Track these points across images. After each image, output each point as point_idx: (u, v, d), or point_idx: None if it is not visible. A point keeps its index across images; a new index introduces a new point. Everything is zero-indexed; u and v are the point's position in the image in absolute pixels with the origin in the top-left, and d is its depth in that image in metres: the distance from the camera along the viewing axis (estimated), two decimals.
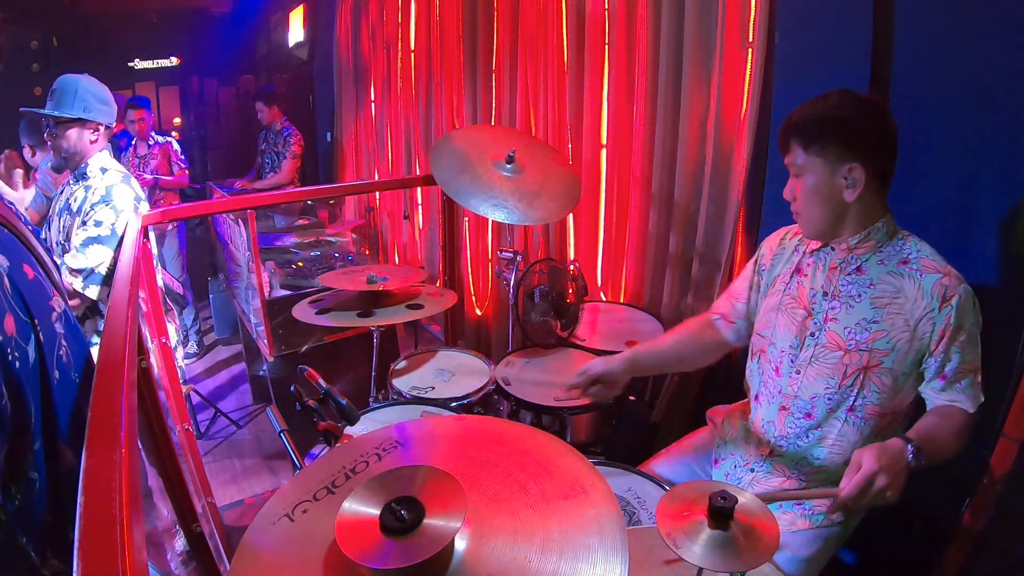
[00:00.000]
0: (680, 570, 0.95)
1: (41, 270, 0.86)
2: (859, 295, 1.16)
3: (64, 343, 0.83)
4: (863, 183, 1.09)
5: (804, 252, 1.28)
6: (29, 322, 0.75)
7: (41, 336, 0.76)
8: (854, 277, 1.17)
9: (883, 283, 1.13)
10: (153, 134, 3.76)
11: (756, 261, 1.38)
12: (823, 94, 1.14)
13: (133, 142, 3.77)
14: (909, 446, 1.02)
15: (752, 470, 1.32)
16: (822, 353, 1.19)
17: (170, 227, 3.59)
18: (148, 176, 3.58)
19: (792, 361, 1.25)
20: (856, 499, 0.99)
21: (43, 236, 1.75)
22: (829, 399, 1.19)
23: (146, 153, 3.69)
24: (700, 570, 0.81)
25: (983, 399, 1.10)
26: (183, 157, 3.84)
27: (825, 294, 1.20)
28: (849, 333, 1.16)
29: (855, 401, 1.17)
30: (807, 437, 1.24)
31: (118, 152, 3.76)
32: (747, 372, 1.39)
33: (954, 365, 1.09)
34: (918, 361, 1.12)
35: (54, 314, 0.82)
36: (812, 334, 1.21)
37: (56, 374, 0.78)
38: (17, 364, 0.70)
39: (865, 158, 1.09)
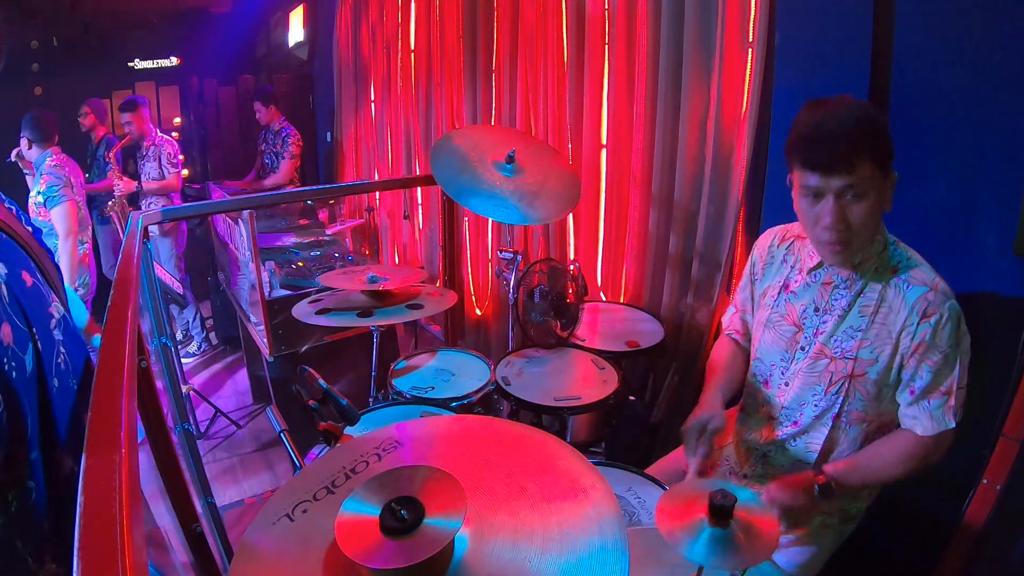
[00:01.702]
0: (680, 569, 0.95)
1: (40, 275, 0.85)
2: (848, 305, 1.14)
3: (63, 350, 0.82)
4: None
5: (792, 266, 1.25)
6: (27, 330, 0.74)
7: (39, 344, 0.75)
8: (845, 291, 1.15)
9: (871, 291, 1.12)
10: (159, 133, 3.68)
11: (751, 270, 1.36)
12: (842, 101, 1.04)
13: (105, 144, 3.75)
14: (816, 487, 1.09)
15: (745, 476, 1.32)
16: (810, 363, 1.19)
17: (161, 229, 3.55)
18: (120, 183, 3.52)
19: (782, 374, 1.25)
20: None
21: None
22: (815, 406, 1.19)
23: (145, 154, 3.67)
24: (700, 568, 0.81)
25: (952, 425, 1.07)
26: (176, 160, 3.70)
27: (816, 309, 1.19)
28: (835, 342, 1.15)
29: (841, 408, 1.16)
30: (795, 443, 1.24)
31: (96, 153, 3.75)
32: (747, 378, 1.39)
33: (923, 383, 1.07)
34: (899, 372, 1.11)
35: (52, 321, 0.81)
36: (803, 348, 1.21)
37: (55, 382, 0.77)
38: (14, 374, 0.69)
39: (892, 166, 1.06)
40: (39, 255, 0.87)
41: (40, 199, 2.92)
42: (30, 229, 0.88)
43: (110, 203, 3.46)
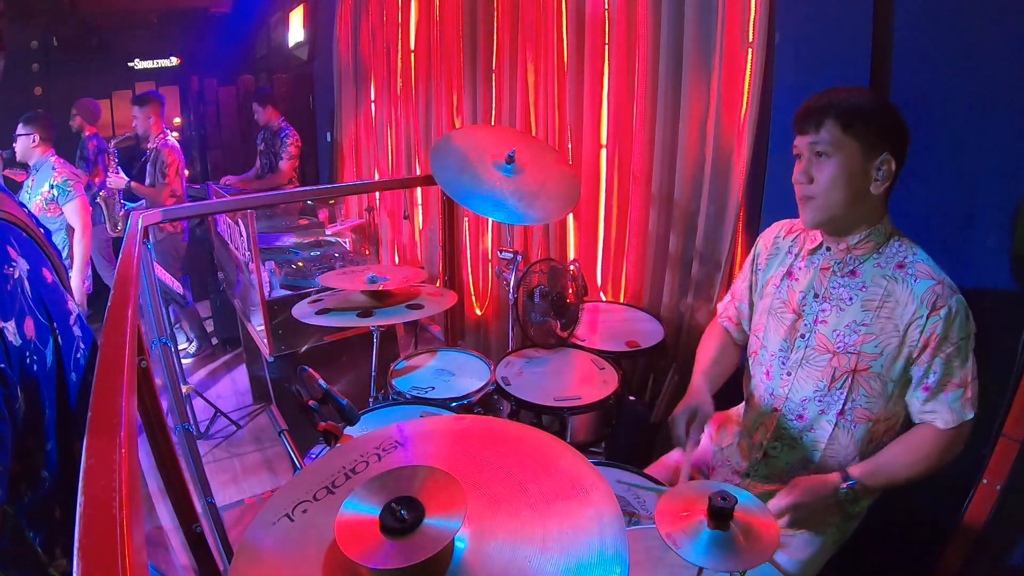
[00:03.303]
0: (680, 570, 0.95)
1: (55, 274, 0.86)
2: (850, 298, 1.14)
3: (82, 346, 0.84)
4: (890, 178, 1.09)
5: (797, 254, 1.26)
6: (48, 325, 0.76)
7: (59, 339, 0.77)
8: (847, 280, 1.15)
9: (875, 285, 1.12)
10: (166, 136, 3.53)
11: (753, 260, 1.37)
12: (850, 87, 1.12)
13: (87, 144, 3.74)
14: (845, 484, 1.09)
15: (747, 476, 1.32)
16: (812, 355, 1.19)
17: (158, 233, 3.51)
18: (119, 177, 3.46)
19: (783, 364, 1.24)
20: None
21: None
22: (819, 401, 1.18)
23: (147, 156, 3.62)
24: (700, 570, 0.81)
25: (971, 415, 1.08)
26: (168, 171, 3.46)
27: (816, 296, 1.19)
28: (838, 336, 1.14)
29: (844, 405, 1.15)
30: (800, 441, 1.23)
31: (85, 152, 3.74)
32: (745, 374, 1.39)
33: (937, 378, 1.08)
34: (907, 367, 1.11)
35: (72, 317, 0.83)
36: (802, 336, 1.21)
37: (73, 376, 0.79)
38: (35, 367, 0.71)
39: (896, 152, 1.08)
40: (52, 255, 0.88)
41: (54, 193, 2.91)
42: (43, 230, 0.90)
43: (101, 193, 3.45)
